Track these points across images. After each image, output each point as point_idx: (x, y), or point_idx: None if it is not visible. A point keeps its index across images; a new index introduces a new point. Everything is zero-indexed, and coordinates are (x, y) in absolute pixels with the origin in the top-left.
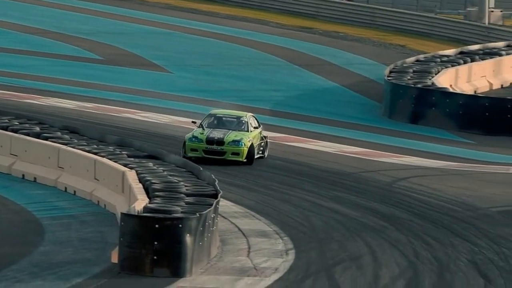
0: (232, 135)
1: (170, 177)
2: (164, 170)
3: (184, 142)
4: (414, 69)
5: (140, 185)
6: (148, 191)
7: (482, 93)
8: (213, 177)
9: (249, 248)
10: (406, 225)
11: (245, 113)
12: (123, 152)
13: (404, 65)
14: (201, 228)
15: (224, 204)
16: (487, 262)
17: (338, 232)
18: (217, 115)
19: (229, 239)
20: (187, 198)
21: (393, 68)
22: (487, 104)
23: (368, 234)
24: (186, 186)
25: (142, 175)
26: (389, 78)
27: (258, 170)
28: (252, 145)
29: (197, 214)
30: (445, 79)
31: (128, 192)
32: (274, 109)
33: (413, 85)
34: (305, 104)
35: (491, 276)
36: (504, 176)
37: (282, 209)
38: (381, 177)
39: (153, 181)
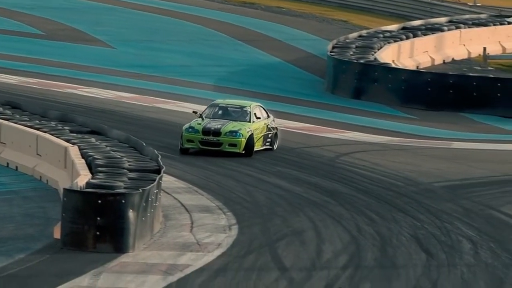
0: (230, 126)
1: (113, 152)
2: (107, 146)
3: (182, 133)
4: (357, 44)
5: (83, 161)
6: (91, 166)
7: (424, 68)
8: (156, 152)
9: (192, 223)
10: (349, 200)
11: (250, 102)
12: (66, 128)
13: (347, 40)
14: (144, 204)
15: (167, 180)
16: (429, 237)
17: (281, 207)
18: (220, 104)
19: (172, 215)
20: (130, 173)
21: (336, 44)
22: (429, 79)
23: (311, 209)
24: (129, 161)
25: (84, 150)
26: (332, 53)
27: None
28: (251, 136)
29: (140, 189)
30: (388, 55)
31: (70, 168)
32: (218, 84)
33: (355, 61)
34: (248, 79)
35: (433, 251)
36: (446, 151)
37: (225, 184)
38: (324, 153)
39: (95, 156)
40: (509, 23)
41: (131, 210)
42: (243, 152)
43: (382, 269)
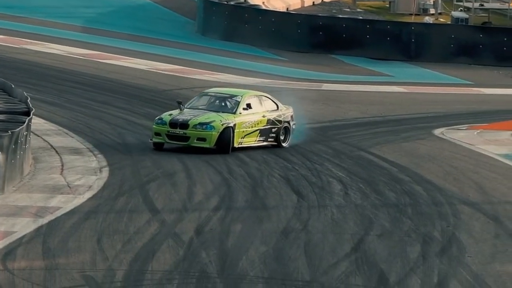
0: (202, 117)
1: None
2: None
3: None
4: None
5: None
6: None
7: (294, 10)
8: (25, 94)
9: (62, 165)
10: None
11: (246, 91)
12: None
13: None
14: (13, 146)
15: (37, 122)
16: (299, 178)
17: (152, 149)
18: (209, 93)
19: (42, 157)
20: None
21: None
22: (299, 21)
23: (183, 150)
24: None
25: None
26: None
27: (67, 86)
28: (227, 129)
29: (9, 132)
30: None
31: None
32: (86, 25)
33: (225, 2)
34: (118, 21)
35: (304, 192)
36: (316, 93)
37: (95, 126)
38: (195, 94)
39: None
40: None
41: (0, 152)
42: (214, 147)
43: (253, 210)
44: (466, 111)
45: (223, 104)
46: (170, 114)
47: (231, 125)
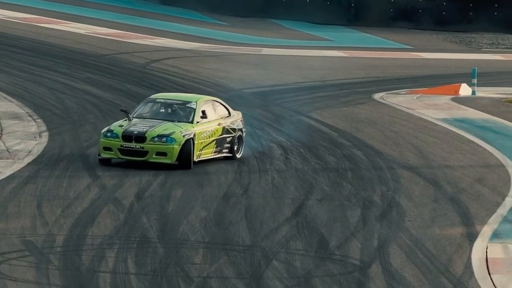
0: (160, 128)
1: None
2: None
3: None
4: None
5: None
6: None
7: None
8: None
9: (1, 130)
10: None
11: (199, 97)
12: None
13: None
14: None
15: None
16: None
17: (92, 114)
18: (157, 100)
19: None
20: None
21: None
22: None
23: (123, 116)
24: None
25: None
26: None
27: (6, 50)
28: (189, 141)
29: None
30: None
31: None
32: None
33: None
34: None
35: (244, 157)
36: (256, 57)
37: (34, 91)
38: (135, 59)
39: None
40: None
41: None
42: (176, 163)
43: (193, 175)
44: (405, 76)
45: (176, 112)
46: (121, 126)
47: (192, 136)
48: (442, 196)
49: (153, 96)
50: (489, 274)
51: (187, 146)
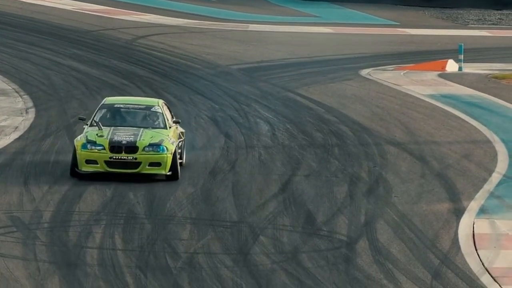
0: (147, 136)
1: None
2: None
3: (74, 151)
4: None
5: None
6: None
7: None
8: None
9: None
10: (146, 83)
11: (156, 100)
12: None
13: None
14: None
15: None
16: (227, 119)
17: (78, 90)
18: (116, 105)
19: None
20: None
21: None
22: None
23: (109, 92)
24: None
25: None
26: None
27: None
28: (175, 149)
29: None
30: None
31: None
32: None
33: None
34: None
35: (231, 133)
36: (243, 34)
37: (21, 67)
38: (121, 35)
39: None
40: None
41: None
42: (169, 173)
43: None
44: (392, 52)
45: (143, 117)
46: (101, 136)
47: (176, 143)
48: (429, 172)
49: (108, 102)
50: (476, 250)
51: (175, 154)
